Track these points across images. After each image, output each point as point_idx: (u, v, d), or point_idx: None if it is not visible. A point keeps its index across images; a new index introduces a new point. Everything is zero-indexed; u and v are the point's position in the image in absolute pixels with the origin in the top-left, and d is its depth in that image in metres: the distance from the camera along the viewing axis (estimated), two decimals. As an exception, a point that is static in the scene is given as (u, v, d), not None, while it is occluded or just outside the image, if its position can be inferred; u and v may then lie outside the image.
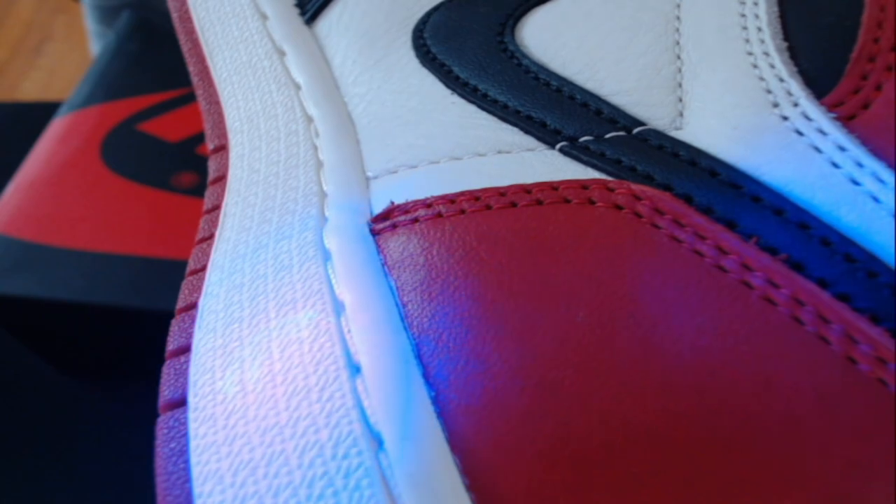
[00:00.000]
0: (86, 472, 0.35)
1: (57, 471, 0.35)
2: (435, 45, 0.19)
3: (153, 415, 0.28)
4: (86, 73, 0.44)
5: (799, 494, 0.10)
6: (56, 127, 0.41)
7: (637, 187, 0.14)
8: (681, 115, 0.15)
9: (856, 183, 0.13)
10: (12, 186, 0.38)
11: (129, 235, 0.34)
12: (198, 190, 0.36)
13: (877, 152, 0.13)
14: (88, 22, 0.59)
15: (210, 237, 0.18)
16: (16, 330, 0.37)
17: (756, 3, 0.16)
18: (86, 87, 0.43)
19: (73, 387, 0.39)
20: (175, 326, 0.16)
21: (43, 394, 0.38)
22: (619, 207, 0.14)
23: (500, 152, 0.16)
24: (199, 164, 0.37)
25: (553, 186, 0.15)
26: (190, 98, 0.42)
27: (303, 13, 0.22)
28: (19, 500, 0.34)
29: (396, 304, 0.14)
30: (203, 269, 0.17)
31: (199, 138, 0.39)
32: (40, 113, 0.47)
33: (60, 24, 1.01)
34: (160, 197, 0.36)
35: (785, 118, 0.14)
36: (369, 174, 0.17)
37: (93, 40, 0.60)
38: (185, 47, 0.23)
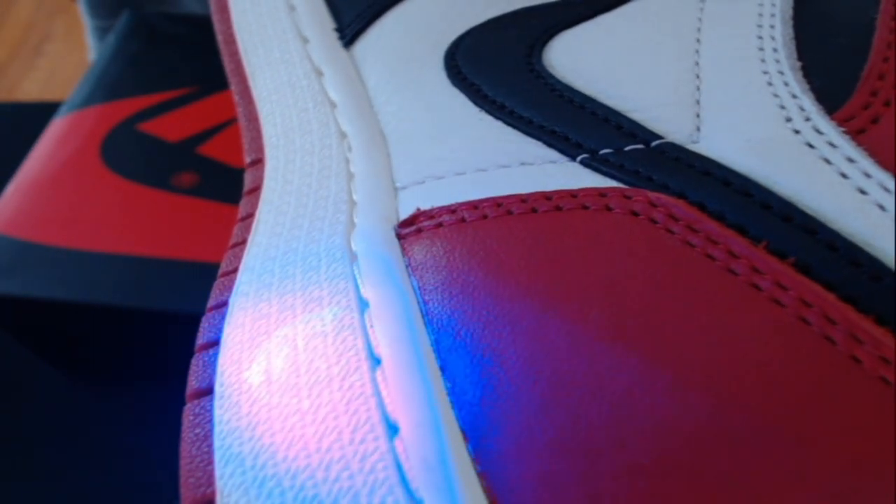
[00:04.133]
0: (86, 472, 0.35)
1: (57, 470, 0.35)
2: (465, 66, 0.20)
3: (153, 414, 0.28)
4: (86, 73, 0.44)
5: (802, 488, 0.10)
6: (56, 127, 0.41)
7: (653, 195, 0.14)
8: (698, 129, 0.16)
9: (863, 192, 0.13)
10: (12, 186, 0.38)
11: (129, 235, 0.34)
12: (198, 190, 0.36)
13: (885, 164, 0.13)
14: (88, 38, 0.59)
15: (242, 242, 0.19)
16: (16, 330, 0.37)
17: (773, 27, 0.17)
18: (86, 87, 0.43)
19: (73, 387, 0.38)
20: (205, 323, 0.17)
21: (43, 394, 0.38)
22: (635, 214, 0.14)
23: (523, 164, 0.17)
24: (200, 164, 0.37)
25: (572, 194, 0.15)
26: (190, 98, 0.42)
27: (342, 37, 0.23)
28: (19, 499, 0.34)
29: (419, 302, 0.15)
30: (235, 270, 0.18)
31: (199, 138, 0.39)
32: (40, 113, 0.46)
33: (60, 24, 1.01)
34: (160, 197, 0.36)
35: (797, 132, 0.15)
36: (398, 185, 0.18)
37: (91, 50, 0.60)
38: (228, 68, 0.24)
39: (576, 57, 0.19)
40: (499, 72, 0.19)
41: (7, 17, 1.03)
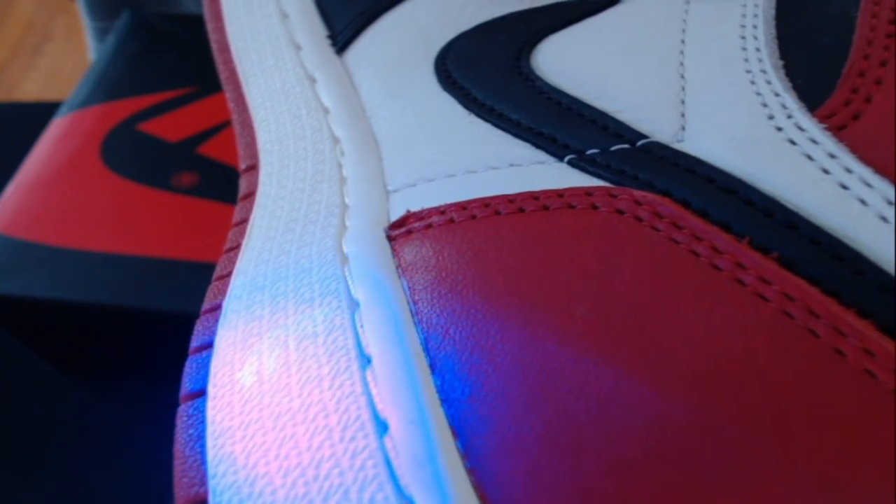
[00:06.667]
0: (85, 472, 0.35)
1: (56, 470, 0.35)
2: (456, 71, 0.20)
3: (153, 414, 0.28)
4: (86, 73, 0.44)
5: (788, 480, 0.11)
6: (56, 127, 0.41)
7: (638, 193, 0.15)
8: (682, 129, 0.16)
9: (844, 187, 0.13)
10: (12, 186, 0.38)
11: (129, 235, 0.34)
12: (198, 190, 0.36)
13: (866, 159, 0.13)
14: (88, 39, 0.59)
15: (237, 247, 0.19)
16: (16, 330, 0.37)
17: (755, 27, 0.17)
18: (86, 87, 0.43)
19: (73, 387, 0.38)
20: (199, 326, 0.17)
21: (43, 394, 0.38)
22: (620, 212, 0.14)
23: (512, 165, 0.17)
24: (199, 165, 0.37)
25: (559, 193, 0.15)
26: (190, 98, 0.42)
27: (334, 44, 0.24)
28: (19, 499, 0.34)
29: (408, 302, 0.15)
30: (228, 274, 0.18)
31: (199, 138, 0.39)
32: (40, 113, 0.46)
33: (60, 24, 1.01)
34: (160, 197, 0.36)
35: (779, 129, 0.15)
36: (390, 188, 0.18)
37: (91, 51, 0.60)
38: (222, 75, 0.24)
39: (563, 60, 0.19)
40: (488, 75, 0.20)
41: (7, 17, 1.03)
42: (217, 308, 0.17)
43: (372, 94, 0.21)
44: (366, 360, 0.14)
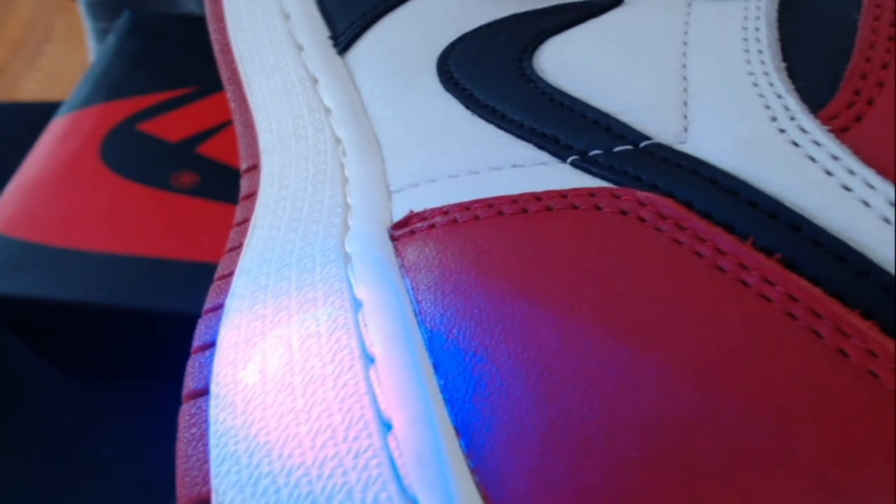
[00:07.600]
0: (86, 472, 0.35)
1: (57, 470, 0.35)
2: (458, 72, 0.20)
3: (154, 413, 0.28)
4: (86, 73, 0.44)
5: (790, 480, 0.11)
6: (56, 127, 0.41)
7: (641, 194, 0.15)
8: (685, 130, 0.16)
9: (847, 189, 0.13)
10: (12, 186, 0.38)
11: (129, 235, 0.34)
12: (198, 190, 0.36)
13: (869, 161, 0.14)
14: (89, 40, 0.59)
15: (239, 246, 0.19)
16: (16, 330, 0.37)
17: (758, 28, 0.17)
18: (86, 87, 0.43)
19: (73, 387, 0.38)
20: (201, 325, 0.17)
21: (43, 394, 0.38)
22: (623, 213, 0.14)
23: (514, 166, 0.17)
24: (199, 164, 0.38)
25: (562, 194, 0.15)
26: (190, 98, 0.42)
27: (336, 45, 0.24)
28: (19, 499, 0.34)
29: (412, 302, 0.15)
30: (231, 274, 0.18)
31: (199, 138, 0.39)
32: (40, 113, 0.46)
33: (60, 24, 1.01)
34: (160, 197, 0.36)
35: (782, 131, 0.15)
36: (392, 188, 0.18)
37: (91, 52, 0.60)
38: (224, 76, 0.24)
39: (566, 61, 0.19)
40: (490, 76, 0.20)
41: (7, 17, 1.03)
42: (219, 307, 0.17)
43: (374, 94, 0.21)
44: (369, 360, 0.14)
